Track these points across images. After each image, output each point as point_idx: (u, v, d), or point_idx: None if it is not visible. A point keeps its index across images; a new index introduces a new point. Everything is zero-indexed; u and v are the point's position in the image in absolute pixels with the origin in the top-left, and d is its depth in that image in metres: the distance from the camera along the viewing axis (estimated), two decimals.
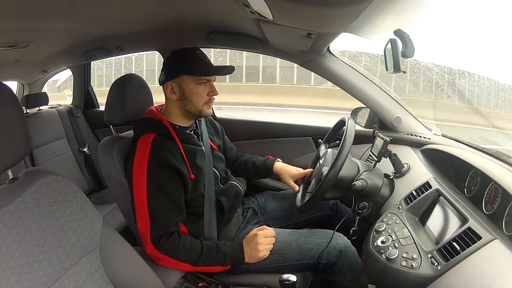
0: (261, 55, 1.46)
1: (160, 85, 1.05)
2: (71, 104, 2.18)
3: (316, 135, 1.50)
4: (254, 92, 7.26)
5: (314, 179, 1.10)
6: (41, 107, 2.01)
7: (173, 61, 1.02)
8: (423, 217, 0.86)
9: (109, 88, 1.11)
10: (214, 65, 1.03)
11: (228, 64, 1.08)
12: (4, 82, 0.67)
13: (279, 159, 1.28)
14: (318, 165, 1.13)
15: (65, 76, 2.63)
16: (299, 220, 1.22)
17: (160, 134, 0.98)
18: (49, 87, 2.65)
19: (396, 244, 0.77)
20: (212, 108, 1.69)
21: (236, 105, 6.19)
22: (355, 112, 1.49)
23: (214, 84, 1.04)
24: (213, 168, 1.09)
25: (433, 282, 0.65)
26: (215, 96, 1.04)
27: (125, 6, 0.99)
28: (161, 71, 1.04)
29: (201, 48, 1.05)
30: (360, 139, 1.31)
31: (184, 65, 1.00)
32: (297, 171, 1.20)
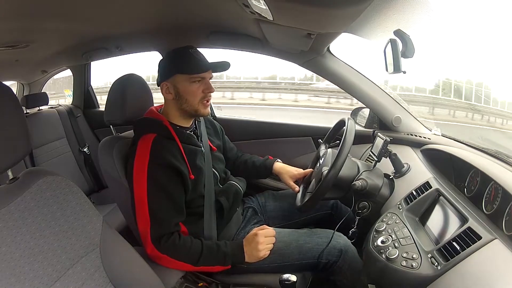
0: None
1: (158, 86, 1.05)
2: (71, 104, 2.19)
3: (316, 135, 1.50)
4: None
5: (314, 179, 1.10)
6: (41, 107, 2.01)
7: (166, 61, 1.02)
8: (423, 217, 0.86)
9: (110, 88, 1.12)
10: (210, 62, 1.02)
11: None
12: (4, 82, 0.67)
13: (279, 160, 1.28)
14: (318, 165, 1.13)
15: None
16: (299, 219, 1.22)
17: (160, 134, 0.98)
18: None
19: (396, 244, 0.77)
20: (211, 108, 1.71)
21: None
22: (355, 112, 1.49)
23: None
24: (213, 169, 1.09)
25: (433, 282, 0.65)
26: (211, 94, 1.03)
27: (125, 6, 0.98)
28: (157, 72, 1.04)
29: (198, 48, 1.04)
30: (360, 139, 1.31)
31: (177, 64, 1.00)
32: (296, 171, 1.20)
